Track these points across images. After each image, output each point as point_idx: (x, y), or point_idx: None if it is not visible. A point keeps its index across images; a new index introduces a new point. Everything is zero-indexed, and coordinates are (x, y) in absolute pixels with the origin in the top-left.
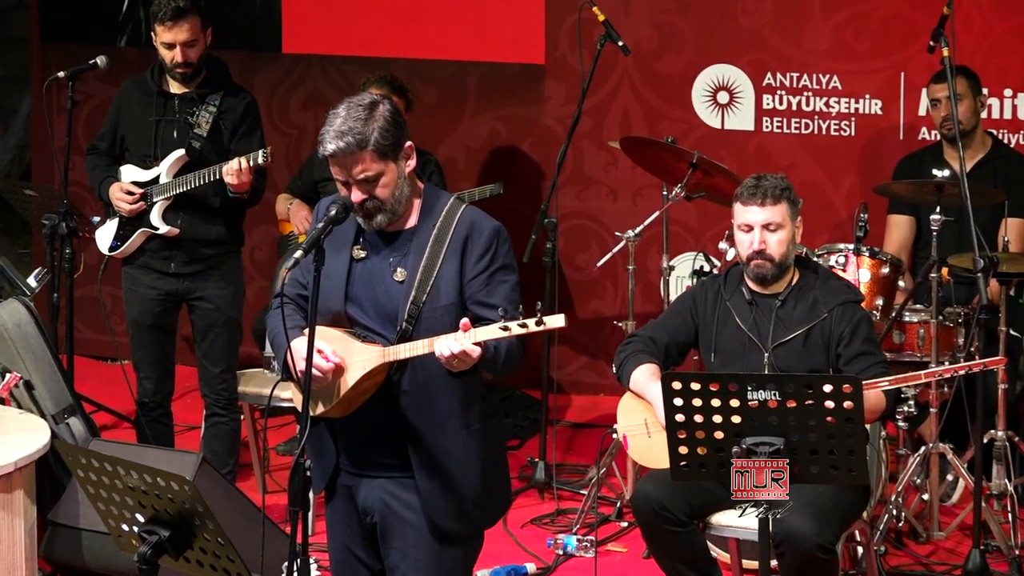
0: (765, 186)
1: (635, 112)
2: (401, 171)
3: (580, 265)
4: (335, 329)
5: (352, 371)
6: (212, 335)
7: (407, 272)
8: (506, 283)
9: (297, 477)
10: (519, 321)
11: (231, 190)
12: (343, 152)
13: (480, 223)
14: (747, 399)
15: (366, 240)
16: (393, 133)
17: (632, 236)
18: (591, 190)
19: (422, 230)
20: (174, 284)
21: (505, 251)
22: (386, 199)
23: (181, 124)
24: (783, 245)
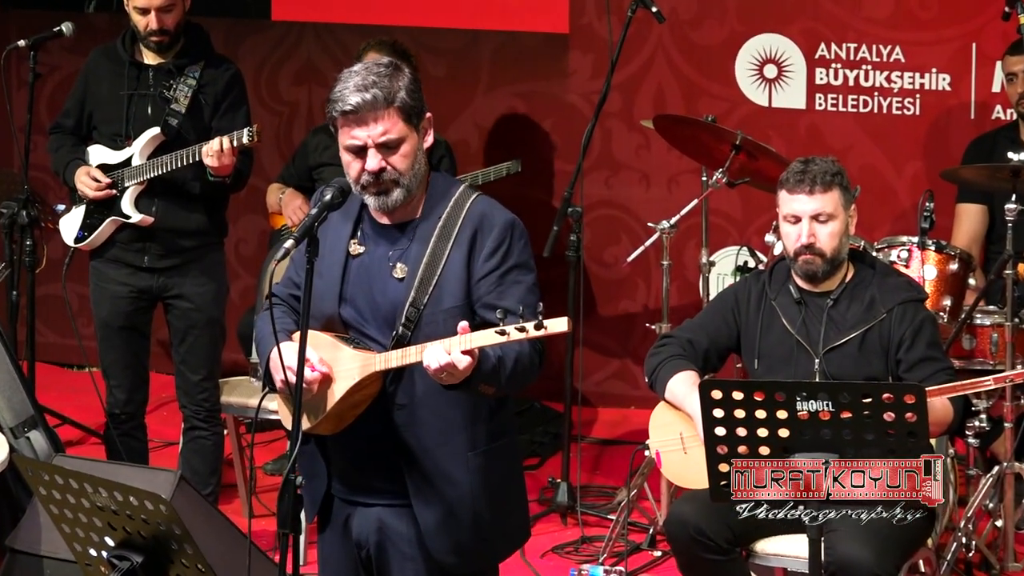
0: (814, 171)
1: (671, 88)
2: (420, 142)
3: (608, 260)
4: (325, 334)
5: (340, 381)
6: (191, 338)
7: (407, 268)
8: (521, 284)
9: (287, 496)
10: (516, 324)
11: (212, 173)
12: (367, 106)
13: (492, 215)
14: (796, 410)
15: (364, 233)
16: (417, 95)
17: (667, 228)
18: (621, 176)
19: (427, 221)
20: (148, 280)
21: (520, 247)
22: (405, 171)
23: (156, 99)
24: (835, 238)
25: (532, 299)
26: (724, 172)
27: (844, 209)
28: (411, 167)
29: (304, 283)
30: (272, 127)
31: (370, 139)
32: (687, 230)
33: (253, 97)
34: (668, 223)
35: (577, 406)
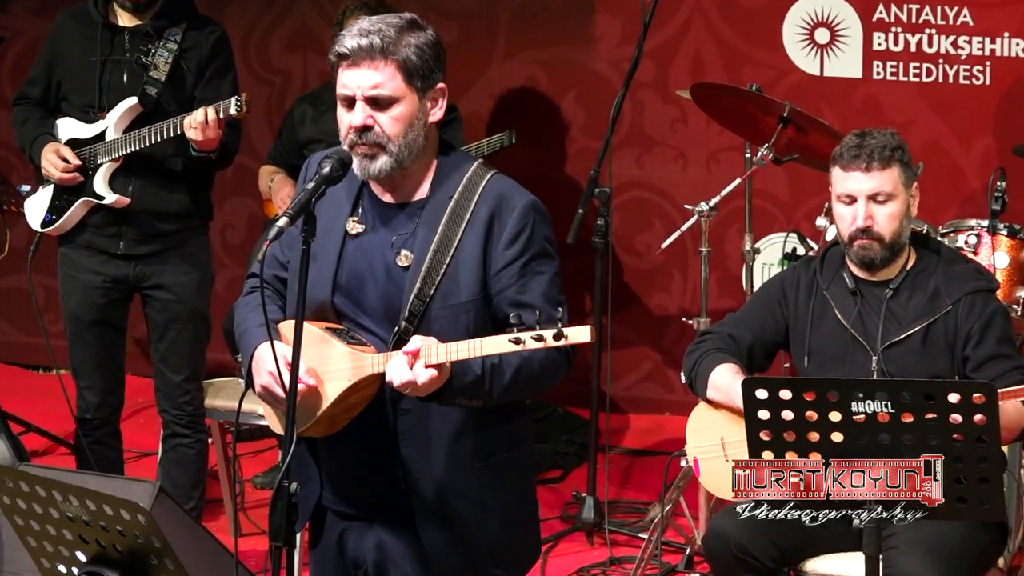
0: (871, 145)
1: (710, 54)
2: (422, 112)
3: (640, 248)
4: (314, 325)
5: (333, 382)
6: (172, 334)
7: (413, 256)
8: (543, 275)
9: (280, 504)
10: (534, 332)
11: (195, 148)
12: (362, 52)
13: (510, 196)
14: (851, 412)
15: (365, 211)
16: (429, 60)
17: (705, 211)
18: (654, 153)
19: (435, 202)
20: (124, 269)
21: (543, 232)
22: (394, 136)
23: (133, 65)
24: (894, 220)
25: (554, 291)
26: (770, 148)
27: (905, 188)
28: (403, 133)
29: (300, 269)
30: (263, 98)
31: (360, 89)
32: (728, 214)
33: (241, 65)
34: (707, 205)
35: (605, 412)
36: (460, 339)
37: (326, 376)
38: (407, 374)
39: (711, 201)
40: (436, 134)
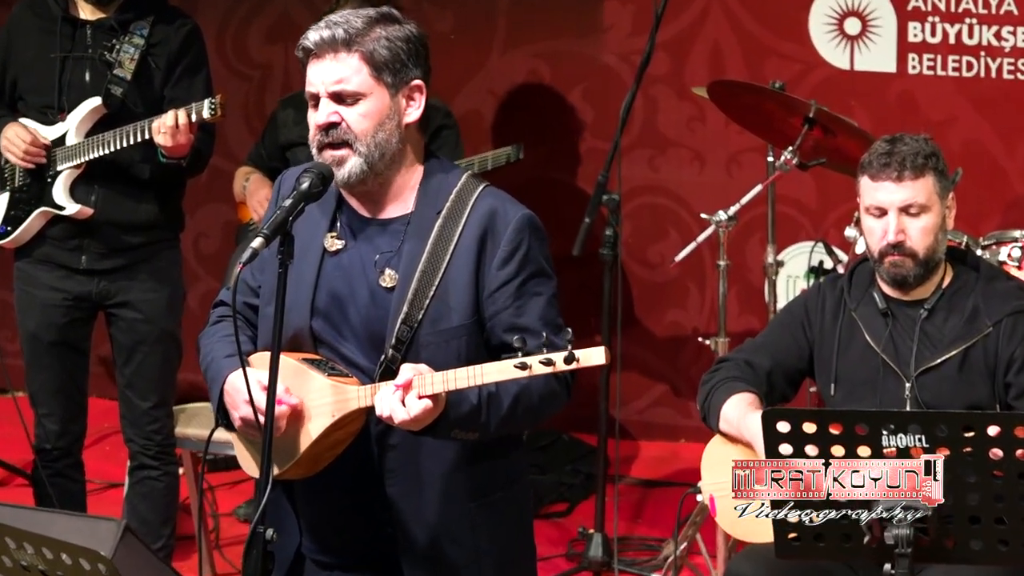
0: (902, 152)
1: (730, 46)
2: (394, 110)
3: (653, 260)
4: (291, 356)
5: (315, 419)
6: (139, 356)
7: (399, 276)
8: (540, 296)
9: (255, 552)
10: (542, 356)
11: (165, 154)
12: (324, 45)
13: (504, 211)
14: (881, 446)
15: (345, 226)
16: (401, 54)
17: (724, 219)
18: (669, 155)
19: (422, 217)
20: (86, 285)
21: (538, 250)
22: (361, 134)
23: (96, 63)
24: (928, 234)
25: (552, 314)
26: (794, 152)
27: (940, 199)
28: (372, 132)
29: (276, 295)
30: (240, 96)
31: (324, 84)
32: (750, 222)
33: (216, 59)
34: (725, 214)
35: (614, 439)
36: (453, 367)
37: (307, 412)
38: (399, 407)
39: (730, 210)
40: (418, 139)
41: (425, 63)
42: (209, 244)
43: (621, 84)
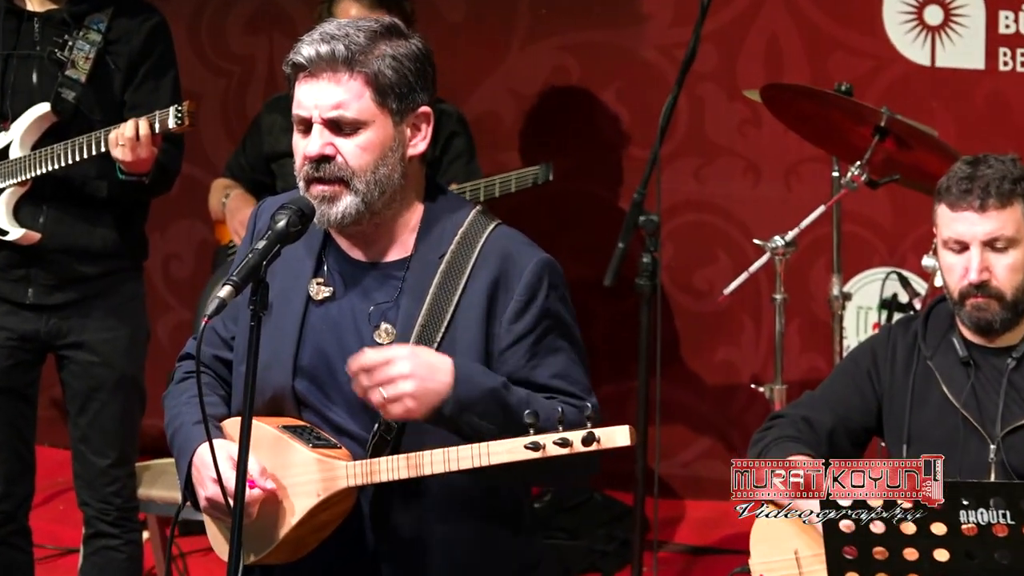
0: (986, 177)
1: (789, 38)
2: (398, 141)
3: (700, 287)
4: (270, 423)
5: (298, 499)
6: (96, 406)
7: (396, 331)
8: (559, 352)
9: None
10: (556, 436)
11: (124, 169)
12: (320, 62)
13: (517, 255)
14: (959, 522)
15: (333, 270)
16: (409, 76)
17: (781, 246)
18: (718, 164)
19: (422, 262)
20: (33, 323)
21: (558, 299)
22: (360, 169)
23: (44, 62)
24: (1017, 273)
25: (577, 373)
26: (862, 167)
27: None
28: (372, 167)
29: (249, 350)
30: (217, 94)
31: (318, 109)
32: (814, 243)
33: (189, 52)
34: (782, 240)
35: (654, 498)
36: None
37: (288, 490)
38: None
39: (787, 235)
40: (420, 172)
41: (432, 85)
42: (181, 267)
43: (662, 82)
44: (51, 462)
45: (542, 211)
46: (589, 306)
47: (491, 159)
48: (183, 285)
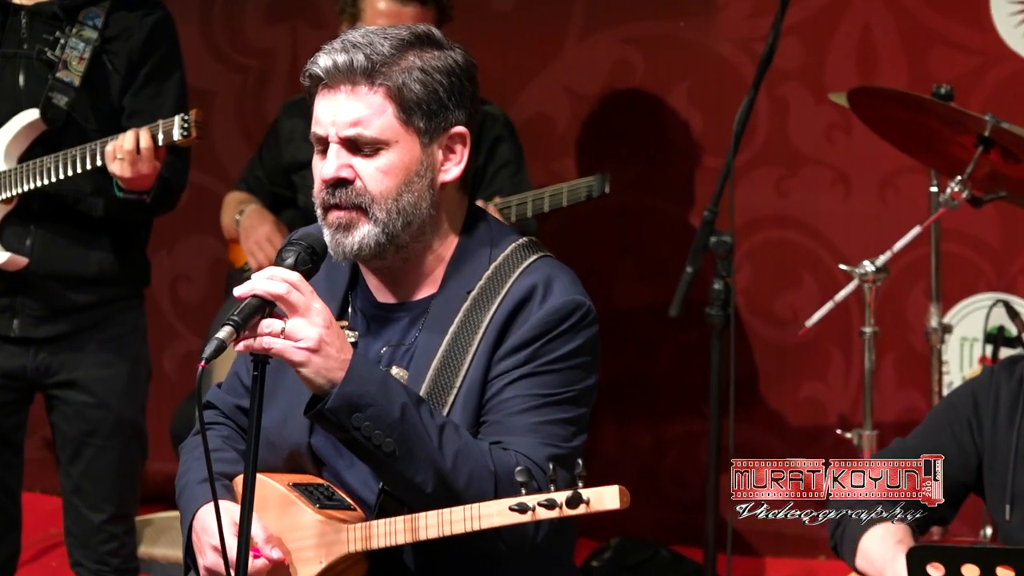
0: None
1: (884, 32)
2: (426, 166)
3: (781, 315)
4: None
5: (302, 566)
6: (90, 453)
7: (410, 374)
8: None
9: None
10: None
11: (122, 186)
12: (338, 73)
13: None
14: None
15: (358, 312)
16: (440, 91)
17: (871, 272)
18: (803, 175)
19: (447, 299)
20: (19, 358)
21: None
22: (379, 195)
23: (33, 62)
24: None
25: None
26: (964, 182)
27: None
28: (394, 194)
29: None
30: (232, 93)
31: (335, 126)
32: (911, 265)
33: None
34: (872, 266)
35: (727, 555)
36: None
37: (293, 555)
38: None
39: (878, 260)
40: (457, 200)
41: (471, 102)
42: (190, 290)
43: (739, 81)
44: (43, 511)
45: (601, 228)
46: (653, 336)
47: (543, 168)
48: (193, 310)
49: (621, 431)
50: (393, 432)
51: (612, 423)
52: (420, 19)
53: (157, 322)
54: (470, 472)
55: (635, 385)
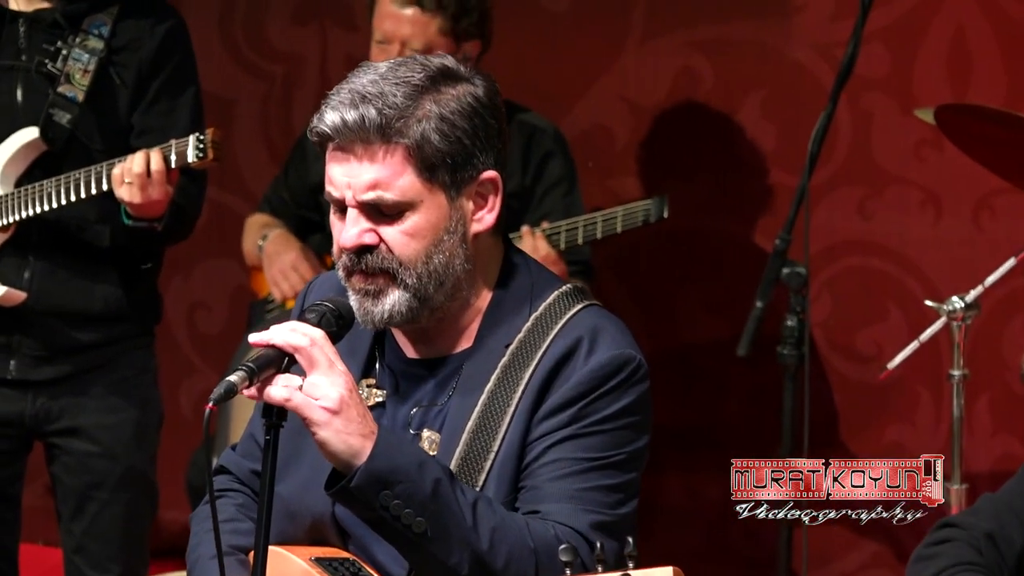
0: None
1: (981, 36)
2: (457, 220)
3: (864, 351)
4: (299, 555)
5: None
6: (94, 508)
7: (442, 437)
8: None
9: None
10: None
11: (130, 213)
12: (349, 133)
13: (593, 342)
14: None
15: (386, 369)
16: (464, 139)
17: (959, 309)
18: (889, 197)
19: (483, 355)
20: (16, 403)
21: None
22: (408, 260)
23: (32, 75)
24: None
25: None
26: None
27: None
28: (423, 257)
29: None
30: (256, 102)
31: (351, 190)
32: (1006, 299)
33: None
34: (960, 302)
35: None
36: None
37: None
38: None
39: (968, 295)
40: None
41: (498, 139)
42: (210, 320)
43: (818, 91)
44: (44, 566)
45: (664, 254)
46: (723, 375)
47: (599, 186)
48: (212, 342)
49: (688, 481)
50: (425, 511)
51: (678, 472)
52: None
53: (172, 356)
54: (509, 551)
55: (703, 430)
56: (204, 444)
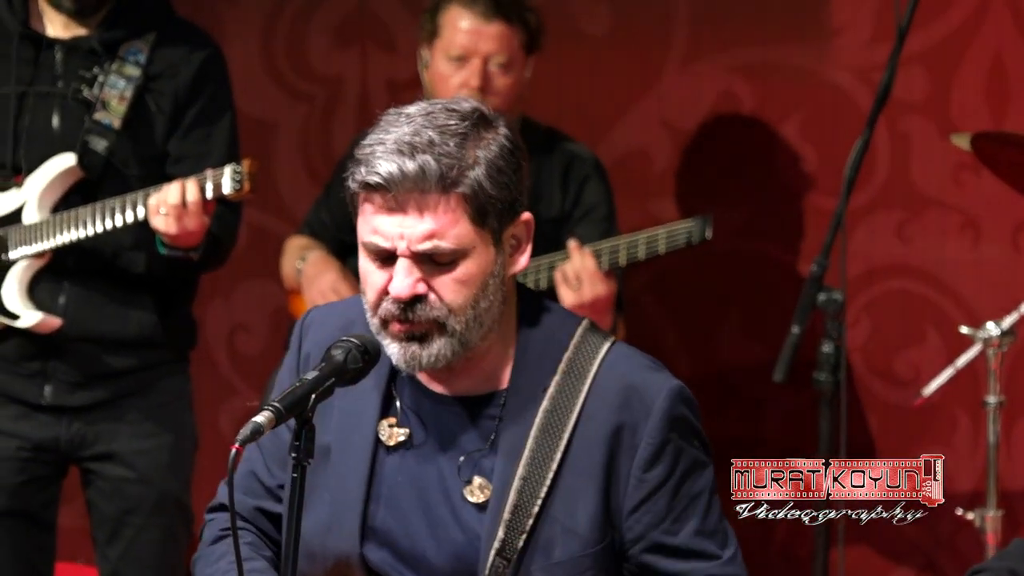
0: None
1: (1018, 61)
2: (499, 265)
3: (902, 375)
4: None
5: None
6: (130, 532)
7: (493, 486)
8: (698, 499)
9: None
10: None
11: (166, 241)
12: (406, 183)
13: (643, 390)
14: None
15: (408, 407)
16: (510, 183)
17: (996, 335)
18: (927, 220)
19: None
20: (51, 428)
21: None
22: (459, 307)
23: (69, 102)
24: None
25: (714, 519)
26: None
27: None
28: (472, 303)
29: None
30: (296, 124)
31: (405, 243)
32: None
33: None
34: (997, 329)
35: None
36: None
37: None
38: None
39: (1004, 321)
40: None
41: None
42: (250, 341)
43: (857, 114)
44: None
45: (703, 276)
46: (761, 398)
47: (639, 209)
48: (253, 363)
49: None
50: None
51: None
52: (506, 39)
53: (212, 378)
54: None
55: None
56: (228, 482)
